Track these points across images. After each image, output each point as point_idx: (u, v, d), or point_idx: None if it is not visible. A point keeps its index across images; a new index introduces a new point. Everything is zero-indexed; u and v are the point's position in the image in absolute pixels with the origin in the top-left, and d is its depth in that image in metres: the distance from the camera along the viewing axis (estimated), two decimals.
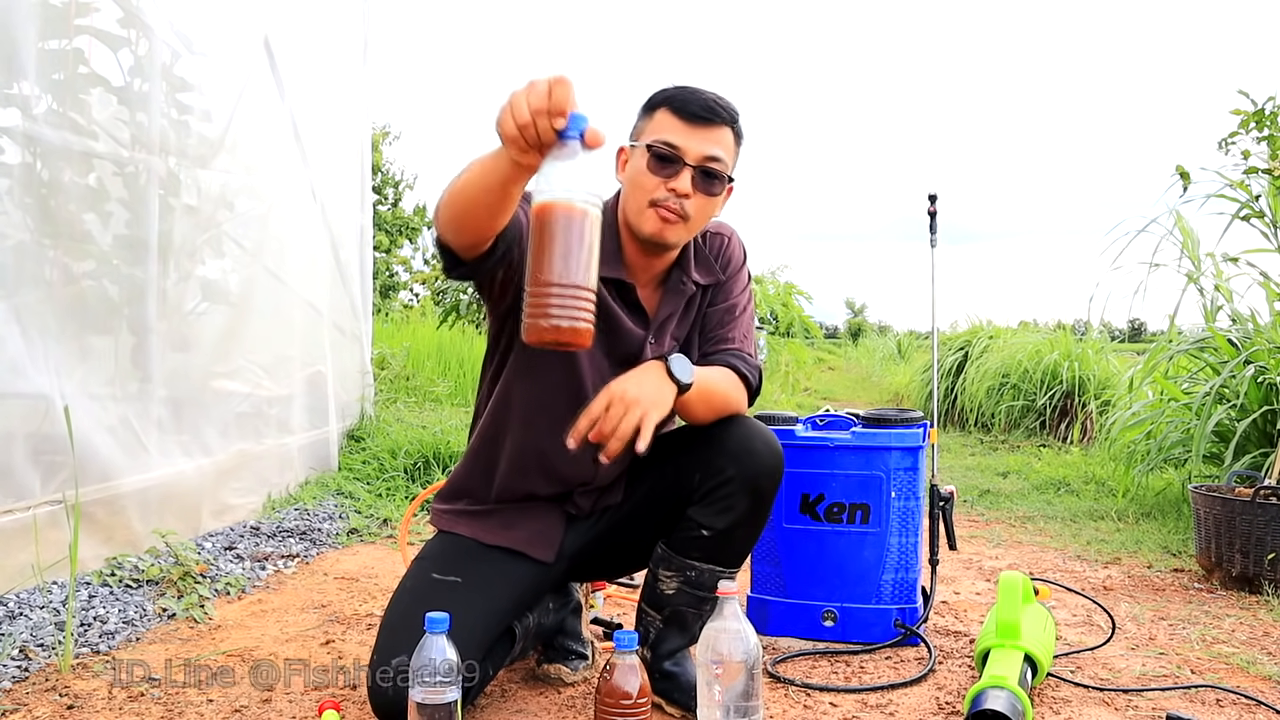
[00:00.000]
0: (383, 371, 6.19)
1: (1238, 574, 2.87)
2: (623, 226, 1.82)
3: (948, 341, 9.27)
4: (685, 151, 1.73)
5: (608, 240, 1.80)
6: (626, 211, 1.79)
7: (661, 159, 1.73)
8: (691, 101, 1.74)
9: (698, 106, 1.73)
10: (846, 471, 2.33)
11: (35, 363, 2.42)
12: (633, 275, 1.83)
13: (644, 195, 1.75)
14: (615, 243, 1.81)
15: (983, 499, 4.64)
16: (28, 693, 1.88)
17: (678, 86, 1.78)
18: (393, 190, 18.43)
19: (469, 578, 1.76)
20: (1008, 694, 1.73)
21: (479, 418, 1.92)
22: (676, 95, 1.76)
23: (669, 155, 1.73)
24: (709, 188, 1.76)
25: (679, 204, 1.73)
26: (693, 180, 1.74)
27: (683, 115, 1.73)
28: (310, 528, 3.39)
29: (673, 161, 1.73)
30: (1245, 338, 4.06)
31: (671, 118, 1.74)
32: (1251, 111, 3.79)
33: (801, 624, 2.35)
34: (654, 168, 1.74)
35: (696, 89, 1.76)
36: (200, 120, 3.26)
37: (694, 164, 1.73)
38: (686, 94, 1.75)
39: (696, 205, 1.75)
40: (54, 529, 2.41)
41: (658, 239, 1.76)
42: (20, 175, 2.48)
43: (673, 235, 1.77)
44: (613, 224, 1.82)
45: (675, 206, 1.73)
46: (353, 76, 4.69)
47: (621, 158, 1.84)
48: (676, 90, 1.77)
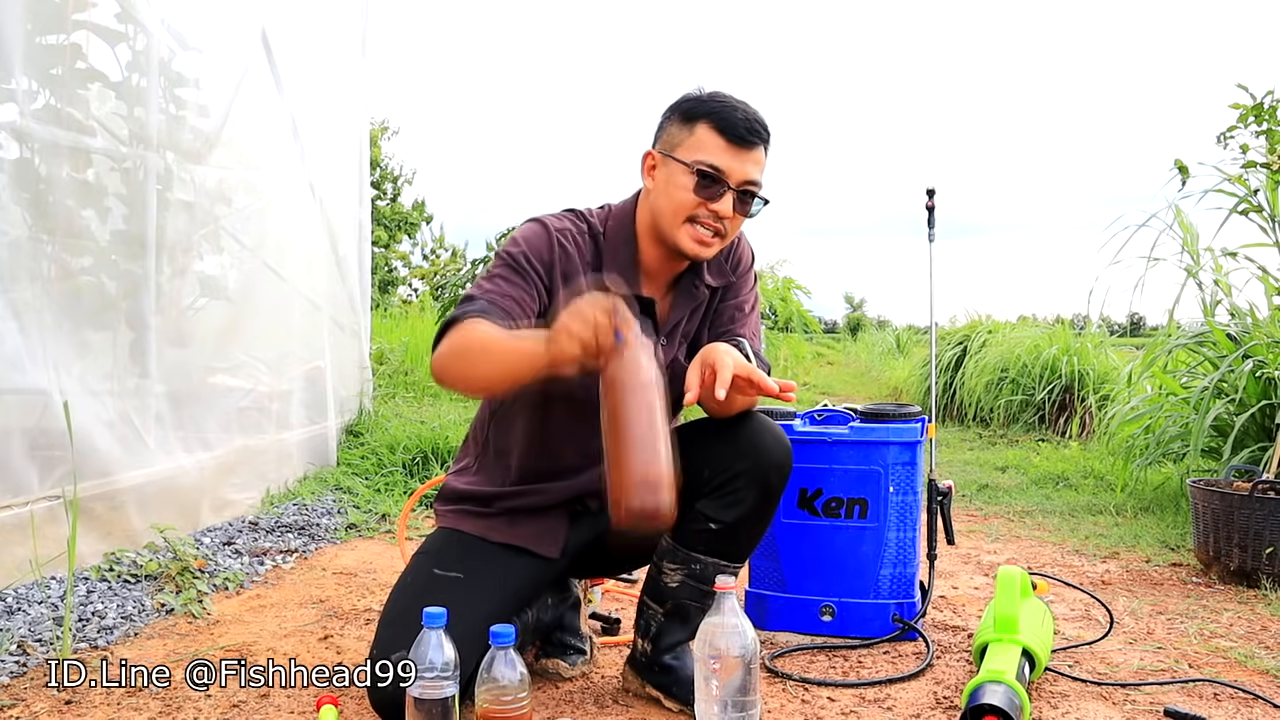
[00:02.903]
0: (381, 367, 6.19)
1: (1236, 568, 2.87)
2: (643, 233, 1.82)
3: (946, 336, 9.26)
4: (729, 175, 1.73)
5: (623, 252, 1.81)
6: (659, 221, 1.79)
7: (707, 182, 1.73)
8: (737, 122, 1.73)
9: (743, 128, 1.73)
10: (845, 466, 2.33)
11: (34, 358, 2.42)
12: (649, 280, 1.84)
13: (682, 211, 1.75)
14: (632, 253, 1.81)
15: (981, 493, 4.65)
16: (26, 688, 1.89)
17: (717, 100, 1.76)
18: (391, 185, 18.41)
19: (471, 574, 1.76)
20: (1005, 688, 1.74)
21: (482, 417, 1.92)
22: (720, 112, 1.74)
23: (714, 177, 1.73)
24: (746, 209, 1.78)
25: (719, 224, 1.75)
26: (733, 202, 1.75)
27: (728, 136, 1.73)
28: (309, 523, 3.39)
29: (717, 184, 1.73)
30: (1244, 332, 4.06)
31: (715, 136, 1.73)
32: (1250, 106, 3.79)
33: (800, 619, 2.36)
34: (699, 189, 1.73)
35: (735, 104, 1.75)
36: (198, 115, 3.26)
37: (736, 187, 1.74)
38: (730, 112, 1.73)
39: (732, 225, 1.78)
40: (52, 524, 2.41)
41: (694, 256, 1.79)
42: (17, 171, 2.48)
43: (708, 253, 1.79)
44: (630, 233, 1.82)
45: (715, 226, 1.75)
46: (351, 71, 4.68)
47: (648, 163, 1.82)
48: (718, 105, 1.75)
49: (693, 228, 1.75)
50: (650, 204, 1.81)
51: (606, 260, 1.80)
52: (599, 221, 1.84)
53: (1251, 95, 3.79)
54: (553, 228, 1.80)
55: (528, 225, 1.81)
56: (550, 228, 1.80)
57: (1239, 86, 3.81)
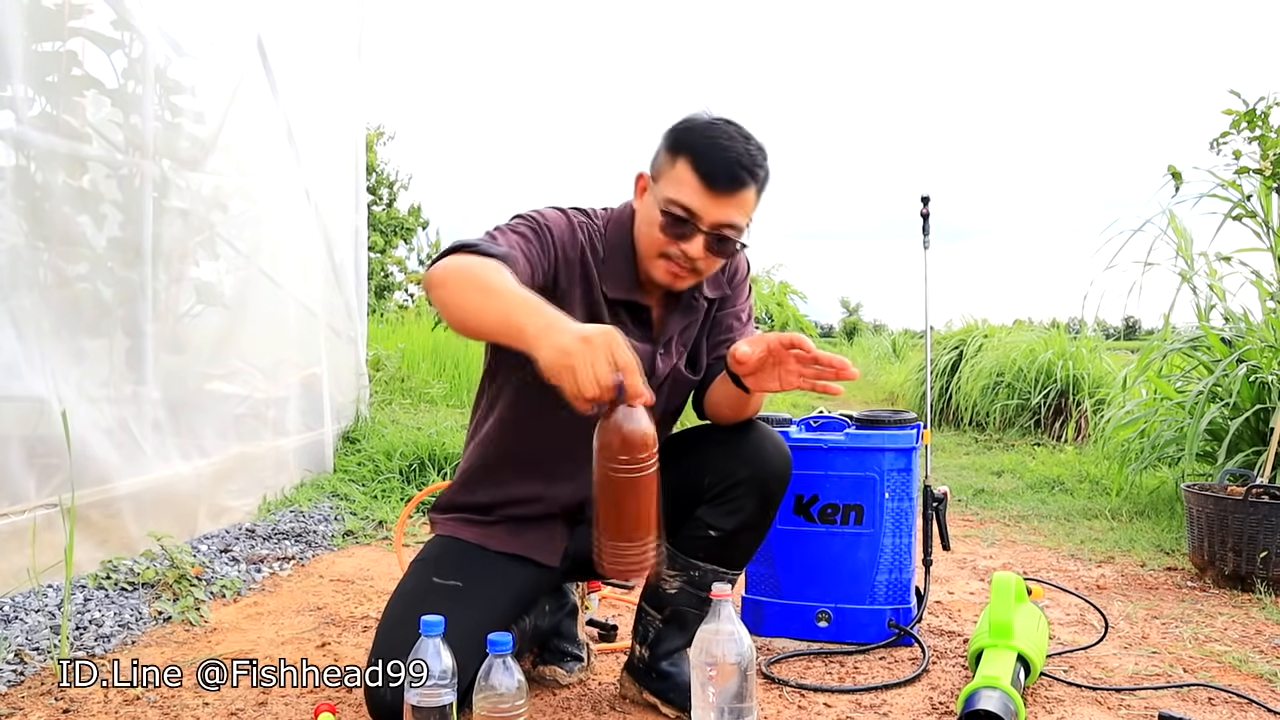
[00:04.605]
0: (378, 373, 6.18)
1: (1230, 572, 2.88)
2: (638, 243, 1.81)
3: (942, 340, 9.28)
4: (702, 218, 1.66)
5: (620, 258, 1.79)
6: (639, 245, 1.76)
7: (675, 221, 1.67)
8: (719, 166, 1.64)
9: (724, 175, 1.64)
10: (840, 473, 2.34)
11: (31, 365, 2.42)
12: (646, 292, 1.82)
13: (654, 246, 1.71)
14: (630, 261, 1.79)
15: (977, 498, 4.66)
16: (23, 697, 1.89)
17: (708, 135, 1.66)
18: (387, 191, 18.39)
19: (470, 582, 1.76)
20: (1001, 694, 1.74)
21: (479, 428, 1.92)
22: (705, 151, 1.64)
23: (684, 218, 1.66)
24: (723, 250, 1.71)
25: (691, 264, 1.70)
26: (705, 244, 1.68)
27: (706, 180, 1.64)
28: (306, 530, 3.39)
29: (686, 224, 1.66)
30: (1238, 336, 4.07)
31: (694, 176, 1.64)
32: (1243, 111, 3.81)
33: (796, 625, 2.36)
34: (666, 227, 1.67)
35: (725, 143, 1.65)
36: (193, 122, 3.26)
37: (708, 230, 1.67)
38: (716, 152, 1.64)
39: (707, 265, 1.73)
40: (49, 532, 2.41)
41: (668, 288, 1.77)
42: (13, 178, 2.48)
43: (682, 285, 1.76)
44: (628, 241, 1.80)
45: (686, 265, 1.71)
46: (347, 76, 4.68)
47: (640, 184, 1.78)
48: (706, 142, 1.65)
49: (666, 262, 1.71)
50: (635, 225, 1.79)
51: (605, 267, 1.79)
52: (602, 225, 1.83)
53: (1244, 101, 3.82)
54: (572, 215, 1.77)
55: (549, 208, 1.77)
56: (569, 214, 1.77)
57: (1232, 93, 3.83)
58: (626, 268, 1.79)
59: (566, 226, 1.75)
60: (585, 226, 1.78)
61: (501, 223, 1.72)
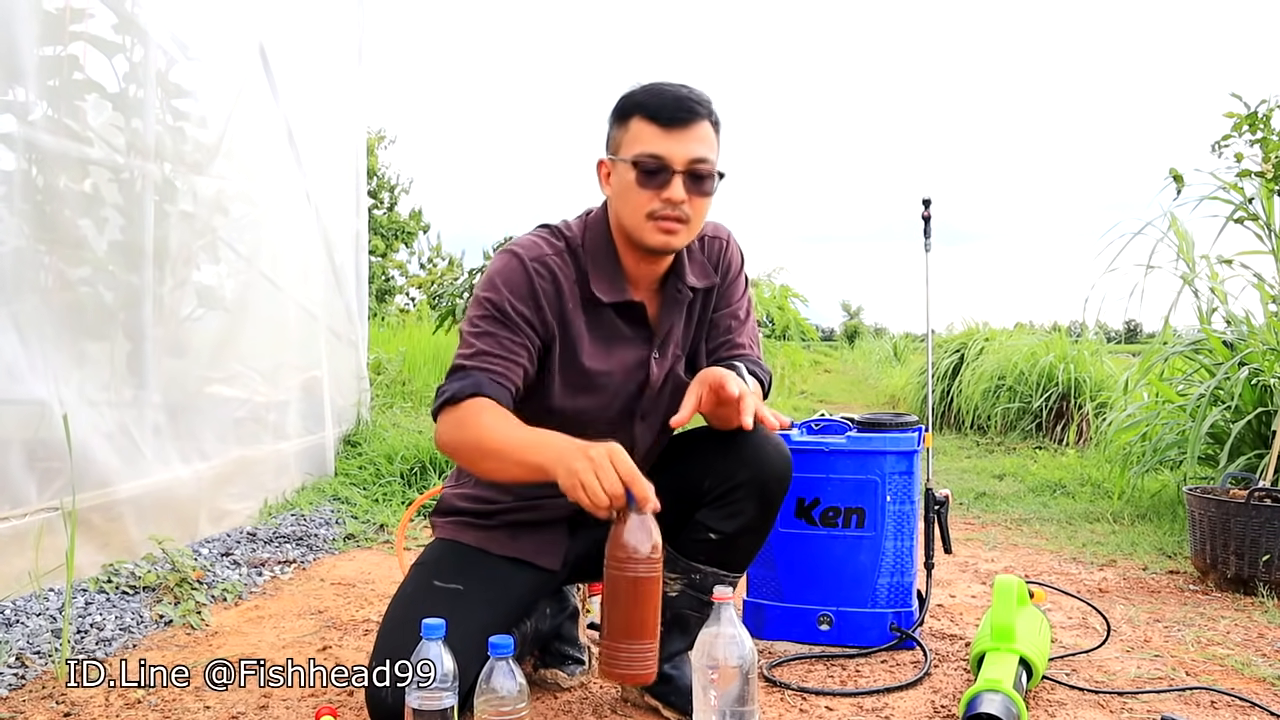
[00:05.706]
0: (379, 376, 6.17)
1: (1232, 576, 2.88)
2: (618, 238, 1.80)
3: (943, 344, 9.28)
4: (671, 159, 1.69)
5: (605, 259, 1.80)
6: (624, 225, 1.76)
7: (649, 172, 1.69)
8: (665, 104, 1.69)
9: (672, 109, 1.69)
10: (842, 476, 2.33)
11: (33, 369, 2.43)
12: (635, 286, 1.82)
13: (639, 210, 1.72)
14: (613, 259, 1.79)
15: (978, 501, 4.65)
16: (24, 700, 1.88)
17: (643, 88, 1.73)
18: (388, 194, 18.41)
19: (471, 585, 1.76)
20: (1002, 697, 1.74)
21: None
22: (647, 100, 1.71)
23: (655, 167, 1.69)
24: (702, 188, 1.73)
25: (677, 211, 1.71)
26: (685, 185, 1.70)
27: (659, 120, 1.69)
28: (307, 533, 3.39)
29: (660, 172, 1.69)
30: (1240, 339, 4.07)
31: (648, 125, 1.70)
32: (1244, 114, 3.81)
33: (797, 628, 2.36)
34: (643, 181, 1.70)
35: (663, 87, 1.72)
36: (195, 126, 3.26)
37: (682, 170, 1.70)
38: (657, 97, 1.70)
39: (694, 208, 1.73)
40: (51, 535, 2.41)
41: (664, 249, 1.76)
42: (16, 181, 2.49)
43: (678, 241, 1.76)
44: (607, 239, 1.80)
45: (674, 214, 1.71)
46: (348, 81, 4.69)
47: (603, 171, 1.80)
48: (644, 94, 1.72)
49: (654, 222, 1.72)
50: (614, 210, 1.79)
51: (591, 274, 1.78)
52: (578, 234, 1.81)
53: (1246, 104, 3.81)
54: (528, 261, 1.74)
55: (502, 262, 1.75)
56: (525, 262, 1.74)
57: (1233, 95, 3.83)
58: (612, 267, 1.79)
59: (521, 281, 1.73)
60: (545, 260, 1.76)
61: (468, 318, 1.75)
